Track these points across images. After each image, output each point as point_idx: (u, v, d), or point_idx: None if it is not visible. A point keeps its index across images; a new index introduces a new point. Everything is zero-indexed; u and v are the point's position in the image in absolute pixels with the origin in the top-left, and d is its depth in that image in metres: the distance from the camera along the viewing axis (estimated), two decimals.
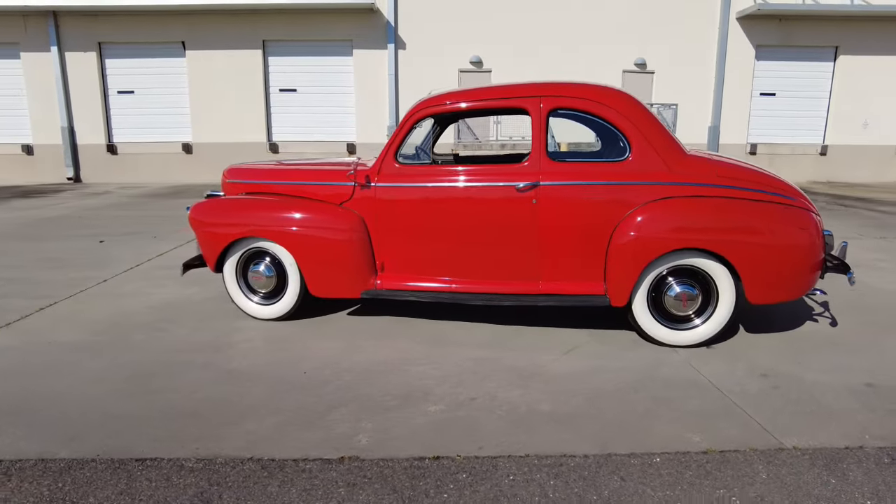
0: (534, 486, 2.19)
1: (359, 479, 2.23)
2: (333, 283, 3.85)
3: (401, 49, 15.00)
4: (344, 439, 2.52)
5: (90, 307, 4.40)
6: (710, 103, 16.17)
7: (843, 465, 2.37)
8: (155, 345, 3.65)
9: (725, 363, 3.38)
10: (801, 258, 3.40)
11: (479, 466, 2.32)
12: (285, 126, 15.13)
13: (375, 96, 15.20)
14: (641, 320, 3.59)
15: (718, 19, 15.61)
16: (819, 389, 3.05)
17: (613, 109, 3.47)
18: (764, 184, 3.50)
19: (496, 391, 3.00)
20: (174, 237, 7.13)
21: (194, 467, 2.30)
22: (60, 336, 3.80)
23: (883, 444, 2.53)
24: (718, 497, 2.15)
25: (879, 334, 3.85)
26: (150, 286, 5.00)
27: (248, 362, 3.37)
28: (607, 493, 2.17)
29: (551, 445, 2.48)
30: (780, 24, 15.60)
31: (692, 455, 2.43)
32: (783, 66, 16.01)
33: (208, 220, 4.00)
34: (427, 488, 2.17)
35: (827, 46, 15.95)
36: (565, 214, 3.51)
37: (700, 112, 16.10)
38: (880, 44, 15.79)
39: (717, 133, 16.17)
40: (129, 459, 2.35)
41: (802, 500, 2.14)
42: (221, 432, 2.57)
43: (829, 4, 15.26)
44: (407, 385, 3.07)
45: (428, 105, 3.70)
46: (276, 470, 2.28)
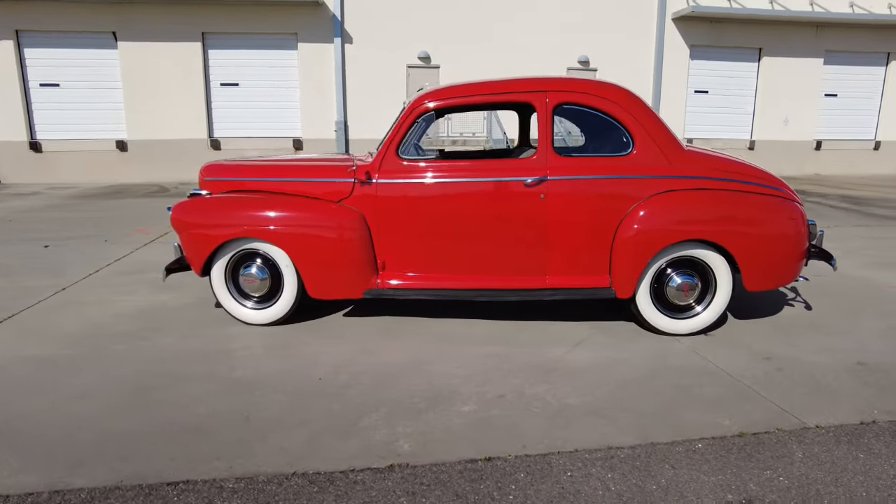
0: (594, 481, 2.19)
1: (416, 486, 2.15)
2: (334, 283, 3.70)
3: (347, 43, 14.70)
4: (385, 446, 2.43)
5: (55, 318, 4.03)
6: (649, 100, 16.82)
7: (865, 440, 2.51)
8: (141, 356, 3.39)
9: (727, 349, 3.51)
10: (791, 247, 3.59)
11: (533, 465, 2.29)
12: (227, 122, 14.49)
13: (322, 91, 14.83)
14: (644, 311, 3.67)
15: (655, 20, 16.27)
16: (818, 370, 3.23)
17: (617, 105, 3.52)
18: (756, 176, 3.66)
19: (522, 387, 2.98)
20: (128, 240, 6.67)
21: (236, 488, 2.14)
22: (29, 350, 3.45)
23: (891, 418, 2.71)
24: (767, 478, 2.23)
25: (852, 316, 4.13)
26: (115, 293, 4.64)
27: (252, 371, 3.19)
28: (664, 481, 2.20)
29: (595, 439, 2.49)
30: (711, 26, 16.45)
31: (729, 439, 2.50)
32: (714, 66, 16.91)
33: (194, 221, 3.75)
34: (489, 490, 2.13)
35: (752, 48, 16.98)
36: (572, 208, 3.53)
37: None
38: (798, 47, 16.98)
39: None
40: (158, 484, 2.16)
41: (841, 475, 2.25)
42: (250, 448, 2.41)
43: (753, 8, 16.23)
44: (430, 386, 2.99)
45: (432, 99, 3.62)
46: (326, 484, 2.16)
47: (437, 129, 15.18)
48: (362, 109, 15.12)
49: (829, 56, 17.20)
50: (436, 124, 15.56)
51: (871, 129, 17.93)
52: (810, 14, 16.36)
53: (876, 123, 17.92)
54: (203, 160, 15.95)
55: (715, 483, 2.19)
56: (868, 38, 17.17)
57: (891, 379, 3.12)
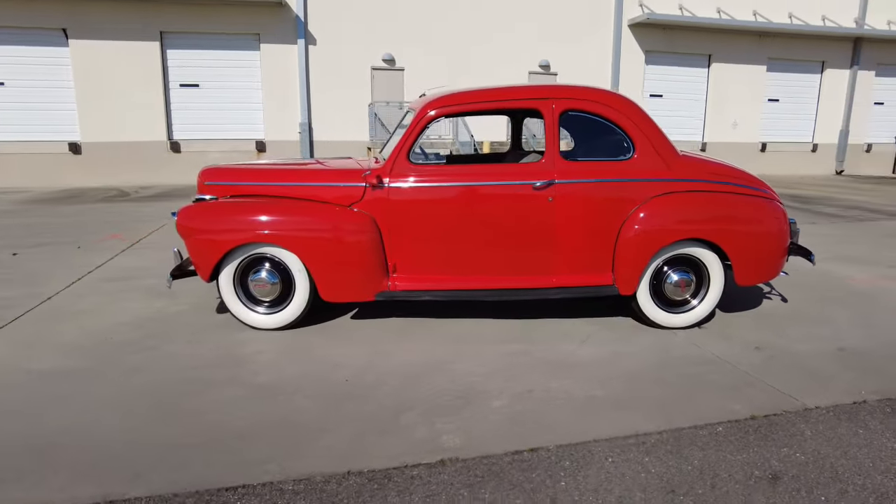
0: (635, 465, 2.35)
1: (472, 479, 2.25)
2: (347, 287, 3.75)
3: (311, 45, 14.56)
4: (429, 442, 2.51)
5: (51, 329, 3.90)
6: None
7: (861, 418, 2.78)
8: (157, 364, 3.34)
9: (721, 341, 3.77)
10: (777, 244, 3.88)
11: (575, 453, 2.43)
12: (188, 123, 14.10)
13: (285, 93, 14.64)
14: (645, 306, 3.89)
15: (612, 26, 16.84)
16: (805, 357, 3.51)
17: (619, 111, 3.72)
18: (743, 178, 3.93)
19: (545, 382, 3.12)
20: (102, 247, 6.45)
21: (295, 489, 2.18)
22: (35, 364, 3.35)
23: (878, 397, 2.99)
24: (785, 455, 2.45)
25: (824, 307, 4.48)
26: (108, 302, 4.52)
27: (275, 375, 3.21)
28: (697, 462, 2.38)
29: (625, 426, 2.66)
30: (664, 33, 17.16)
31: (743, 422, 2.72)
32: (668, 71, 17.64)
33: (203, 227, 3.71)
34: (541, 479, 2.25)
35: (702, 54, 17.81)
36: (578, 210, 3.71)
37: None
38: (743, 54, 17.92)
39: None
40: (217, 490, 2.18)
41: (848, 449, 2.49)
42: (298, 450, 2.46)
43: (703, 17, 17.04)
44: (456, 384, 3.10)
45: (442, 104, 3.72)
46: (384, 480, 2.24)
47: None
48: (326, 111, 15.02)
49: (772, 63, 18.23)
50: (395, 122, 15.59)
51: (809, 133, 19.11)
52: (754, 23, 17.30)
53: (813, 127, 19.12)
54: (162, 163, 15.71)
55: (742, 461, 2.39)
56: (805, 47, 18.31)
57: (870, 362, 3.43)
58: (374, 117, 14.92)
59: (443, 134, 14.95)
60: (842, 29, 18.03)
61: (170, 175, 13.80)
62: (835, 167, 19.36)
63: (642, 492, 2.19)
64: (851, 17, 18.48)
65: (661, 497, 2.16)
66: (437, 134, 14.88)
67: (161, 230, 7.58)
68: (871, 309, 4.44)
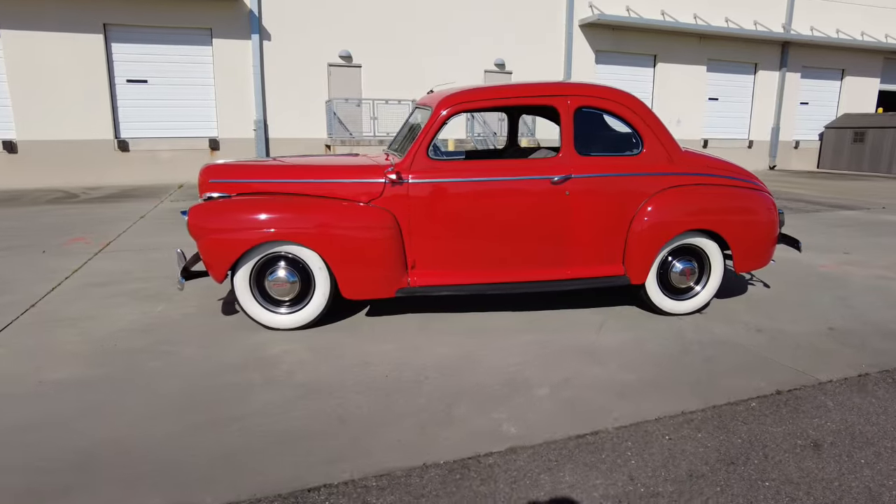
0: (691, 441, 2.49)
1: (548, 463, 2.32)
2: (369, 284, 3.74)
3: (266, 40, 14.19)
4: (491, 432, 2.57)
5: (49, 337, 3.68)
6: None
7: (870, 388, 3.04)
8: (181, 370, 3.22)
9: (724, 325, 4.00)
10: (770, 232, 4.15)
11: (634, 433, 2.55)
12: (136, 121, 13.44)
13: (239, 90, 14.21)
14: (653, 295, 4.08)
15: (564, 26, 17.29)
16: (803, 337, 3.79)
17: (629, 108, 3.88)
18: (737, 172, 4.19)
19: (580, 369, 3.23)
20: (70, 251, 6.09)
21: (380, 485, 2.19)
22: (47, 374, 3.16)
23: (877, 369, 3.28)
24: (818, 424, 2.66)
25: (803, 292, 4.83)
26: (99, 307, 4.30)
27: (312, 374, 3.17)
28: (745, 434, 2.55)
29: (668, 407, 2.80)
30: (613, 33, 17.78)
31: (772, 397, 2.92)
32: (617, 70, 18.28)
33: (218, 226, 3.60)
34: (612, 458, 2.35)
35: (648, 55, 18.57)
36: (593, 204, 3.84)
37: None
38: (686, 55, 18.81)
39: None
40: (298, 492, 2.15)
41: (869, 416, 2.74)
42: (364, 446, 2.45)
43: (649, 19, 17.76)
44: (496, 375, 3.16)
45: (461, 101, 3.76)
46: (464, 470, 2.27)
47: (359, 126, 15.08)
48: (282, 108, 14.68)
49: (711, 64, 19.24)
50: (357, 121, 15.46)
51: (746, 130, 20.31)
52: (694, 26, 18.18)
53: (748, 125, 20.33)
54: (109, 163, 15.14)
55: (783, 433, 2.58)
56: (740, 49, 19.42)
57: (859, 340, 3.74)
58: (332, 115, 14.72)
59: (392, 131, 14.93)
60: (771, 33, 19.24)
61: (119, 175, 13.12)
62: (768, 162, 20.66)
63: (706, 465, 2.33)
64: (780, 22, 19.75)
65: (725, 468, 2.30)
66: (386, 131, 14.87)
67: (129, 232, 7.23)
68: (845, 292, 4.82)
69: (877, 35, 20.98)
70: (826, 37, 19.94)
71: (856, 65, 21.22)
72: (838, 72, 21.12)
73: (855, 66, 21.22)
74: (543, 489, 2.16)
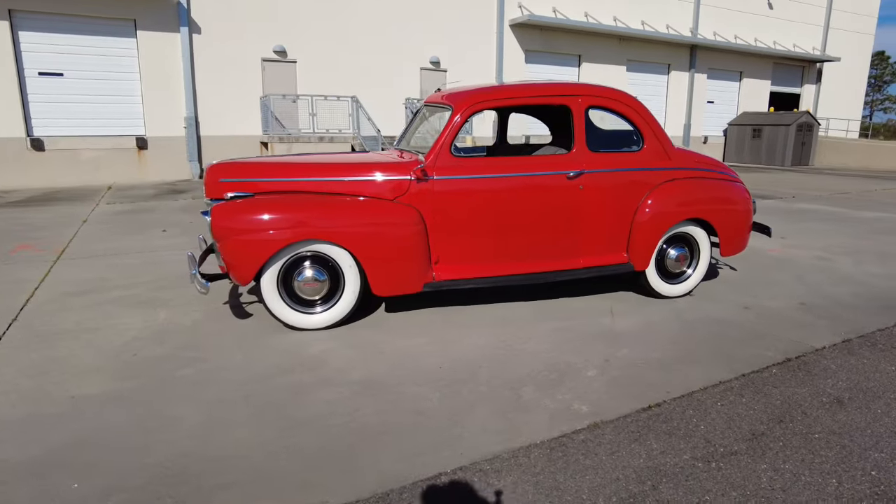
0: (740, 406, 2.80)
1: (633, 434, 2.53)
2: (399, 279, 3.79)
3: (196, 34, 13.50)
4: (567, 412, 2.74)
5: (54, 353, 3.43)
6: None
7: (856, 351, 3.51)
8: (222, 377, 3.13)
9: (714, 304, 4.42)
10: (748, 220, 4.62)
11: (691, 403, 2.82)
12: (51, 118, 12.36)
13: (168, 85, 13.44)
14: (652, 280, 4.42)
15: (496, 26, 17.73)
16: (783, 311, 4.27)
17: (631, 107, 4.18)
18: (718, 166, 4.62)
19: (612, 351, 3.48)
20: (19, 259, 5.60)
21: (495, 468, 2.30)
22: (75, 389, 2.97)
23: (855, 335, 3.78)
24: (832, 384, 3.06)
25: (765, 273, 5.39)
26: (93, 318, 4.03)
27: (366, 371, 3.19)
28: (779, 396, 2.90)
29: (706, 378, 3.11)
30: (541, 33, 18.45)
31: (785, 364, 3.31)
32: (545, 69, 18.99)
33: (247, 226, 3.51)
34: (685, 426, 2.60)
35: (573, 55, 19.44)
36: (603, 197, 4.11)
37: None
38: (607, 55, 19.88)
39: None
40: (419, 481, 2.22)
41: (869, 374, 3.18)
42: (453, 434, 2.55)
43: (574, 20, 18.61)
44: (540, 360, 3.34)
45: (482, 99, 3.89)
46: (563, 447, 2.43)
47: (296, 123, 14.72)
48: (214, 105, 14.05)
49: (630, 64, 20.45)
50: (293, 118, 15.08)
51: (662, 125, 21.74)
52: (614, 28, 19.25)
53: (664, 121, 21.77)
54: (22, 163, 14.32)
55: (807, 393, 2.95)
56: (655, 51, 20.79)
57: (828, 312, 4.27)
58: (268, 111, 14.27)
59: (343, 128, 14.75)
60: (681, 37, 20.75)
61: (34, 177, 12.03)
62: None
63: (762, 424, 2.64)
64: (688, 27, 21.35)
65: (778, 426, 2.62)
66: (338, 128, 14.67)
67: (80, 238, 6.73)
68: (798, 271, 5.43)
69: (767, 42, 23.19)
70: (727, 41, 21.79)
71: (751, 68, 23.35)
72: (737, 74, 23.14)
73: (750, 69, 23.35)
74: (640, 457, 2.36)
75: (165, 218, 8.35)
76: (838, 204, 10.47)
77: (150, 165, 13.44)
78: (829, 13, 25.02)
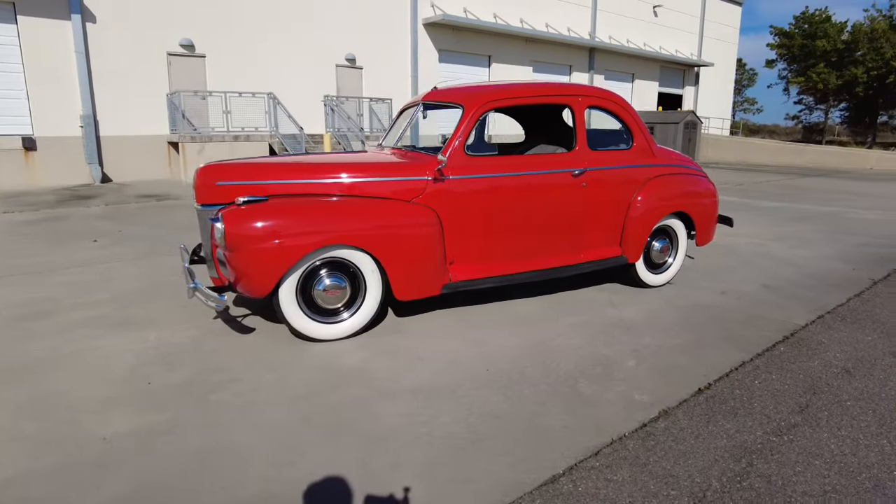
0: (775, 382, 3.06)
1: (704, 417, 2.69)
2: (420, 283, 3.71)
3: (90, 22, 12.24)
4: (631, 402, 2.85)
5: (46, 387, 2.99)
6: (408, 98, 18.25)
7: (835, 325, 3.97)
8: (259, 397, 2.90)
9: (694, 291, 4.77)
10: (716, 211, 5.03)
11: (733, 382, 3.04)
12: None
13: (59, 79, 12.08)
14: (640, 271, 4.69)
15: (409, 24, 17.72)
16: (755, 294, 4.70)
17: (623, 108, 4.40)
18: (692, 162, 4.99)
19: (634, 340, 3.66)
20: None
21: (605, 463, 2.34)
22: (99, 427, 2.61)
23: (824, 311, 4.27)
24: (833, 355, 3.44)
25: (720, 260, 5.89)
26: (68, 344, 3.56)
27: (416, 378, 3.10)
28: (800, 371, 3.21)
29: (728, 359, 3.36)
30: (454, 33, 18.70)
31: (786, 341, 3.66)
32: (458, 69, 19.29)
33: (267, 233, 3.26)
34: (741, 404, 2.81)
35: (484, 55, 19.90)
36: (602, 194, 4.29)
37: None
38: (515, 56, 20.57)
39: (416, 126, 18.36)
40: (569, 468, 2.21)
41: (855, 345, 3.60)
42: (542, 436, 2.56)
43: (484, 21, 19.05)
44: (577, 355, 3.43)
45: (494, 98, 3.91)
46: (651, 437, 2.53)
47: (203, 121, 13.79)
48: (115, 102, 12.83)
49: (536, 65, 21.31)
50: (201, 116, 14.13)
51: None
52: (521, 30, 19.98)
53: None
54: None
55: (819, 365, 3.30)
56: (558, 53, 21.83)
57: (791, 293, 4.76)
58: (176, 109, 13.25)
59: (259, 126, 14.04)
60: (581, 39, 21.97)
61: None
62: None
63: (801, 396, 2.91)
64: (587, 31, 22.63)
65: (815, 397, 2.90)
66: (254, 126, 13.95)
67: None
68: (746, 257, 6.00)
69: (654, 47, 25.17)
70: (621, 45, 23.37)
71: (642, 70, 25.23)
72: (630, 75, 24.90)
73: (641, 71, 25.22)
74: (721, 437, 2.52)
75: (86, 227, 7.51)
76: (741, 195, 11.64)
77: (40, 169, 11.97)
78: (703, 23, 27.66)
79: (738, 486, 2.19)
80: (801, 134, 40.86)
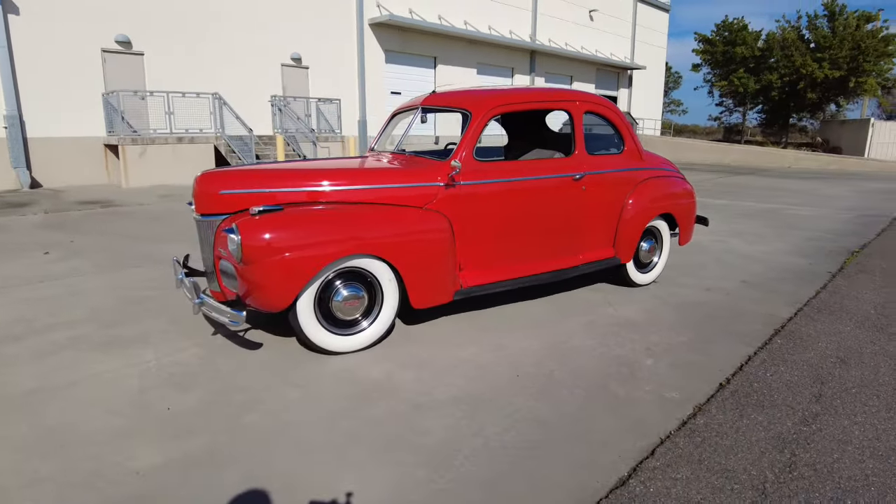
0: (784, 373, 3.25)
1: (734, 411, 2.82)
2: (436, 290, 3.68)
3: (13, 14, 11.32)
4: (663, 400, 2.94)
5: (47, 420, 2.73)
6: (356, 99, 18.04)
7: (816, 317, 4.26)
8: (292, 418, 2.77)
9: (681, 288, 4.99)
10: (695, 212, 5.28)
11: (748, 377, 3.20)
12: None
13: None
14: (631, 270, 4.85)
15: (356, 24, 17.47)
16: (736, 289, 4.98)
17: (615, 113, 4.53)
18: (671, 165, 5.21)
19: (642, 338, 3.78)
20: None
21: (654, 466, 2.41)
22: (129, 461, 2.42)
23: (801, 304, 4.57)
24: (825, 346, 3.69)
25: (692, 258, 6.18)
26: (57, 371, 3.28)
27: (450, 388, 3.05)
28: (801, 362, 3.42)
29: (736, 354, 3.54)
30: (400, 34, 18.61)
31: (780, 334, 3.90)
32: (404, 70, 19.22)
33: (288, 243, 3.13)
34: (764, 398, 2.96)
35: (430, 56, 19.93)
36: (599, 197, 4.40)
37: (351, 107, 17.81)
38: (460, 58, 20.72)
39: (365, 127, 18.22)
40: (602, 498, 2.25)
41: (842, 336, 3.88)
42: (589, 440, 2.61)
43: (430, 22, 19.07)
44: (595, 355, 3.51)
45: (501, 103, 3.93)
46: (692, 433, 2.62)
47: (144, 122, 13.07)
48: (44, 102, 11.93)
49: (480, 67, 21.55)
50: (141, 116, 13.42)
51: None
52: (465, 31, 20.15)
53: None
54: None
55: (816, 356, 3.53)
56: (501, 55, 22.17)
57: (767, 287, 5.07)
58: (113, 110, 12.46)
59: (204, 127, 13.45)
60: (522, 42, 22.42)
61: None
62: None
63: (813, 385, 3.10)
64: (528, 34, 23.11)
65: (825, 386, 3.11)
66: (199, 127, 13.34)
67: None
68: (716, 255, 6.33)
69: (591, 50, 26.04)
70: (560, 48, 24.02)
71: (579, 73, 26.04)
72: (569, 77, 25.64)
73: (579, 73, 26.03)
74: (758, 430, 2.65)
75: (30, 238, 6.94)
76: None
77: None
78: (635, 28, 28.89)
79: (790, 475, 2.32)
80: (722, 134, 43.50)
